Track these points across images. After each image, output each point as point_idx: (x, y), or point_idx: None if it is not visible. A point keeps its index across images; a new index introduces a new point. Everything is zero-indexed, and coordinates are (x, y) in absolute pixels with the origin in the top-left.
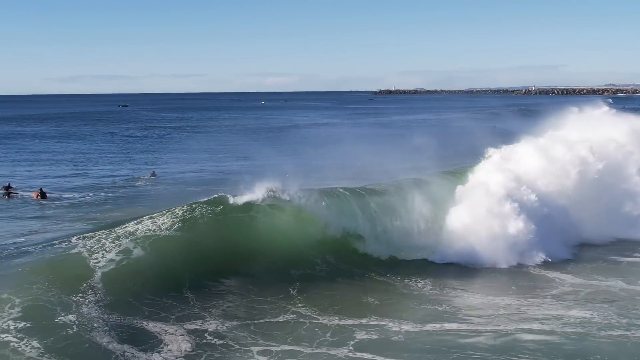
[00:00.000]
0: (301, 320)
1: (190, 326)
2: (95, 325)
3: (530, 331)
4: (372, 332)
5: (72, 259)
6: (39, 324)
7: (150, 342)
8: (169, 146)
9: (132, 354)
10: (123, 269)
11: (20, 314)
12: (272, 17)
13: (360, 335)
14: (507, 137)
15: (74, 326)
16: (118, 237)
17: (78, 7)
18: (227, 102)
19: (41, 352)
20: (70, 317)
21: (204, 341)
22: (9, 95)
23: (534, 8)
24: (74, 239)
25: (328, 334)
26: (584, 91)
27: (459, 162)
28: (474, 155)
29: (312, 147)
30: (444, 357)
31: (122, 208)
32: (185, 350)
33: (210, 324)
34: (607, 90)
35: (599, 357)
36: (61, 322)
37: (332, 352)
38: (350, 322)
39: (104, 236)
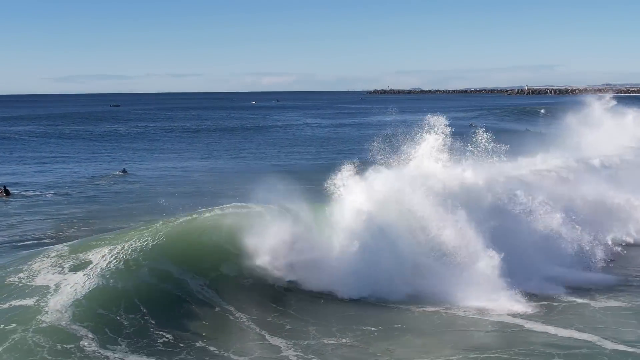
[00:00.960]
0: None
1: None
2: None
3: None
4: None
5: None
6: None
7: None
8: (145, 145)
9: None
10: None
11: None
12: (269, 17)
13: None
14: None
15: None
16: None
17: (75, 7)
18: (219, 102)
19: None
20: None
21: None
22: (5, 95)
23: (529, 9)
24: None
25: None
26: (577, 91)
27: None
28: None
29: (277, 147)
30: None
31: (81, 205)
32: None
33: None
34: (601, 90)
35: None
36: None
37: None
38: None
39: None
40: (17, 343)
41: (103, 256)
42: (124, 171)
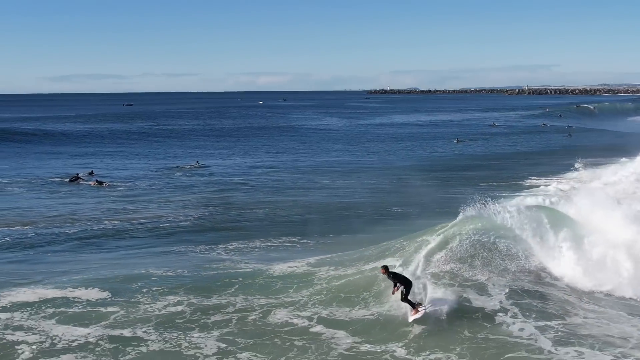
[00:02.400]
0: None
1: None
2: None
3: None
4: None
5: None
6: None
7: None
8: (197, 142)
9: None
10: None
11: None
12: (266, 17)
13: None
14: None
15: None
16: None
17: (71, 6)
18: (226, 101)
19: None
20: None
21: None
22: (3, 95)
23: (527, 8)
24: None
25: None
26: (577, 91)
27: None
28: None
29: (344, 144)
30: None
31: (179, 190)
32: None
33: None
34: (600, 90)
35: None
36: None
37: None
38: None
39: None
40: None
41: None
42: (198, 163)
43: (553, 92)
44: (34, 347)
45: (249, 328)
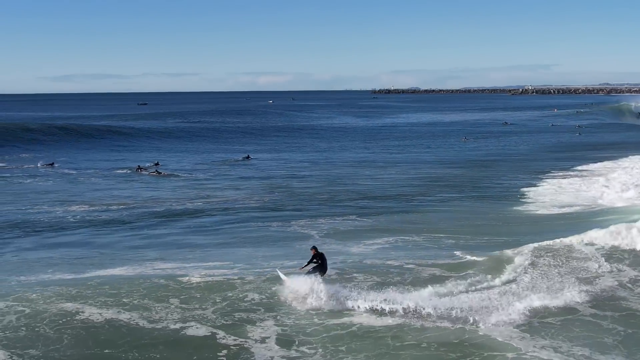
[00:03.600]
0: None
1: None
2: None
3: None
4: None
5: None
6: None
7: None
8: (238, 140)
9: None
10: None
11: None
12: (265, 17)
13: None
14: None
15: None
16: None
17: (72, 6)
18: (237, 102)
19: None
20: None
21: None
22: (3, 95)
23: (526, 8)
24: None
25: None
26: (579, 91)
27: None
28: None
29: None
30: None
31: (233, 180)
32: None
33: None
34: (602, 90)
35: None
36: None
37: None
38: None
39: None
40: None
41: None
42: (248, 157)
43: (556, 92)
44: None
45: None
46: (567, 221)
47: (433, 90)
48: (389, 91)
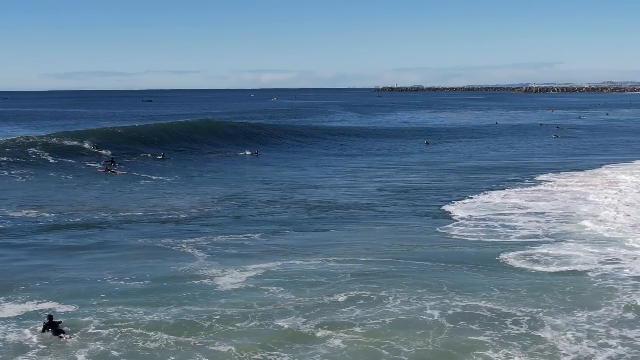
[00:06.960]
0: None
1: None
2: None
3: None
4: None
5: None
6: None
7: None
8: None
9: None
10: None
11: None
12: (268, 14)
13: None
14: None
15: None
16: None
17: (74, 3)
18: (240, 98)
19: None
20: None
21: None
22: (6, 92)
23: (529, 5)
24: None
25: None
26: (583, 89)
27: None
28: None
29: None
30: None
31: (245, 179)
32: None
33: None
34: (606, 88)
35: None
36: None
37: None
38: None
39: None
40: None
41: None
42: (256, 153)
43: (559, 90)
44: None
45: None
46: None
47: (436, 88)
48: (392, 89)
